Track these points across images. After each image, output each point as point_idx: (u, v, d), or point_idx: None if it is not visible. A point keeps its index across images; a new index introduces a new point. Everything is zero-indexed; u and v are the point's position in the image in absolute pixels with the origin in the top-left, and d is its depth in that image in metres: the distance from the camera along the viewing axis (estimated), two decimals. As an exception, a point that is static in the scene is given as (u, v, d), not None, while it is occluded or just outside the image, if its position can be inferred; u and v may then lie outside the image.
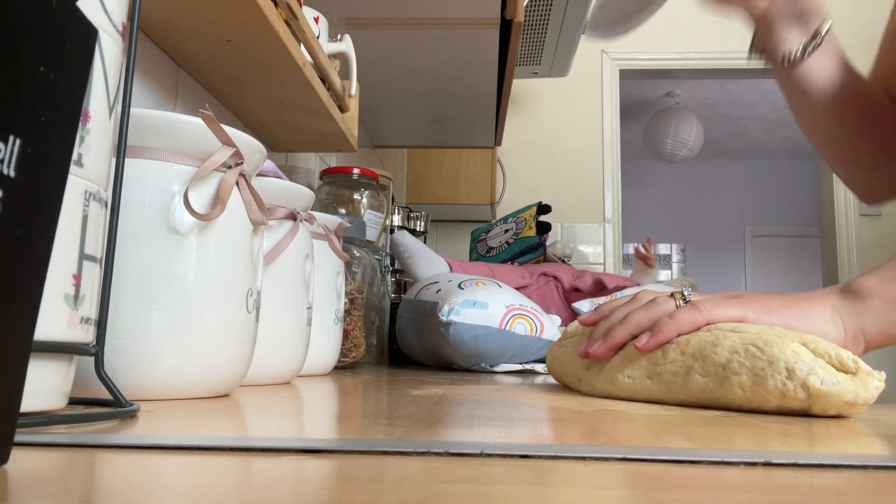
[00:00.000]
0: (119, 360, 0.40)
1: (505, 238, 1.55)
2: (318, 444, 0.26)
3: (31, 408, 0.29)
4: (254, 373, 0.55)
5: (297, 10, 0.73)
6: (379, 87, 1.36)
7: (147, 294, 0.41)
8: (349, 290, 0.88)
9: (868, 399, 0.41)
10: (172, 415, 0.35)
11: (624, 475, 0.22)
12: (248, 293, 0.47)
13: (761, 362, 0.43)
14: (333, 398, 0.48)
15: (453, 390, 0.55)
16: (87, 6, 0.31)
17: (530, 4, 1.70)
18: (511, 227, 1.55)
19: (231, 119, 0.91)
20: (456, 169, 2.57)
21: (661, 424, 0.36)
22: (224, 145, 0.44)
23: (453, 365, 0.95)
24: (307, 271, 0.63)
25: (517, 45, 1.16)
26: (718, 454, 0.25)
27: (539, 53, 2.04)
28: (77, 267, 0.31)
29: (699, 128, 4.22)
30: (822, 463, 0.24)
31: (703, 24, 3.35)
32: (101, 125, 0.32)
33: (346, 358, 0.87)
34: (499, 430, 0.31)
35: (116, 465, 0.22)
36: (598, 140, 3.25)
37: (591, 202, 3.20)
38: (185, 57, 0.75)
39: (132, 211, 0.41)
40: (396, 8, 1.03)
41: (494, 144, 1.74)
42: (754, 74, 3.43)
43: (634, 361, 0.50)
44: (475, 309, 0.90)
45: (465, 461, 0.24)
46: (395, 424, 0.32)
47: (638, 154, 5.55)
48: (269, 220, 0.56)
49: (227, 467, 0.22)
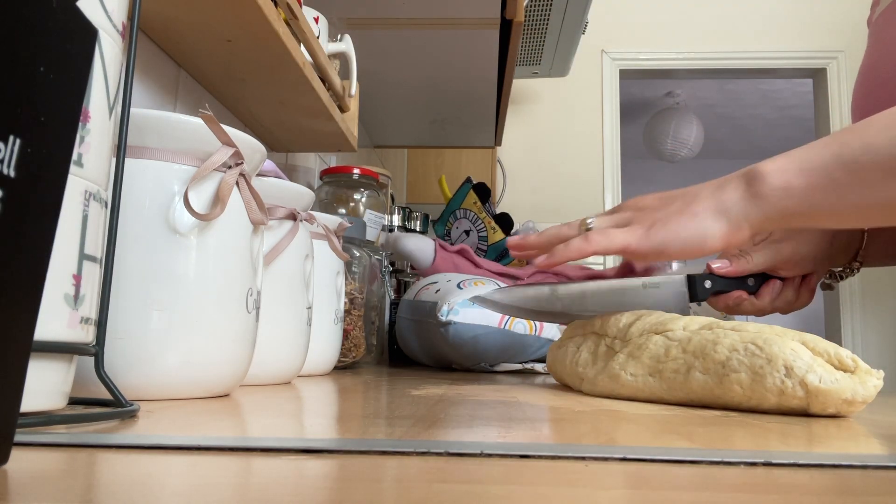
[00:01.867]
0: (119, 360, 0.40)
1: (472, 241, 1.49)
2: (318, 444, 0.26)
3: (31, 408, 0.29)
4: (254, 373, 0.55)
5: (297, 10, 0.73)
6: (379, 87, 1.35)
7: (147, 294, 0.41)
8: (349, 290, 0.88)
9: (866, 397, 0.41)
10: (172, 415, 0.35)
11: (624, 475, 0.22)
12: (248, 293, 0.47)
13: (760, 360, 0.43)
14: (333, 398, 0.48)
15: (453, 390, 0.55)
16: (87, 6, 0.31)
17: (530, 4, 1.70)
18: (469, 227, 1.49)
19: (231, 119, 0.91)
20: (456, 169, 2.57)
21: (661, 424, 0.36)
22: (224, 145, 0.44)
23: (453, 365, 0.95)
24: (307, 271, 0.63)
25: (517, 45, 1.16)
26: (718, 454, 0.25)
27: (539, 53, 2.04)
28: (77, 267, 0.31)
29: (699, 128, 4.22)
30: (822, 463, 0.24)
31: (703, 24, 3.35)
32: (101, 125, 0.32)
33: (346, 358, 0.87)
34: (499, 430, 0.31)
35: (116, 465, 0.22)
36: (598, 140, 3.25)
37: (591, 202, 3.20)
38: (185, 57, 0.75)
39: (132, 211, 0.41)
40: (396, 8, 1.03)
41: (494, 144, 1.74)
42: (754, 74, 3.43)
43: (638, 359, 0.50)
44: (475, 308, 0.90)
45: (465, 461, 0.24)
46: (395, 424, 0.32)
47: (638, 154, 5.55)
48: (269, 220, 0.56)
49: (227, 467, 0.22)
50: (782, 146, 5.65)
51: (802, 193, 0.50)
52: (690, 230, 0.53)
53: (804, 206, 0.50)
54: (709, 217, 0.53)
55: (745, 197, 0.52)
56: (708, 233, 0.52)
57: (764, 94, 4.67)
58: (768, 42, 3.30)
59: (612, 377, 0.52)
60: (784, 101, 4.80)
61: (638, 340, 0.52)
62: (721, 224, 0.52)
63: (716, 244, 0.52)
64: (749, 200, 0.52)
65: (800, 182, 0.50)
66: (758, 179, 0.52)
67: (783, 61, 3.31)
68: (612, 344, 0.54)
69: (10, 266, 0.19)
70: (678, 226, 0.53)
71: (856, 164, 0.49)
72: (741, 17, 3.33)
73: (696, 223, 0.53)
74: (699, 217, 0.53)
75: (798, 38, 3.30)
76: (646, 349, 0.50)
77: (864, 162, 0.48)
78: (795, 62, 3.31)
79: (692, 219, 0.53)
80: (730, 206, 0.52)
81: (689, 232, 0.53)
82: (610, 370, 0.52)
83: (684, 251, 0.53)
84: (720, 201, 0.53)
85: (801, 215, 0.51)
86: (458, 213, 1.50)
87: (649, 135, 4.28)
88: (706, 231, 0.52)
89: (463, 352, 0.90)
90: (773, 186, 0.51)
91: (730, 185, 0.53)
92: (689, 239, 0.53)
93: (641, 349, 0.51)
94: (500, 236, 1.44)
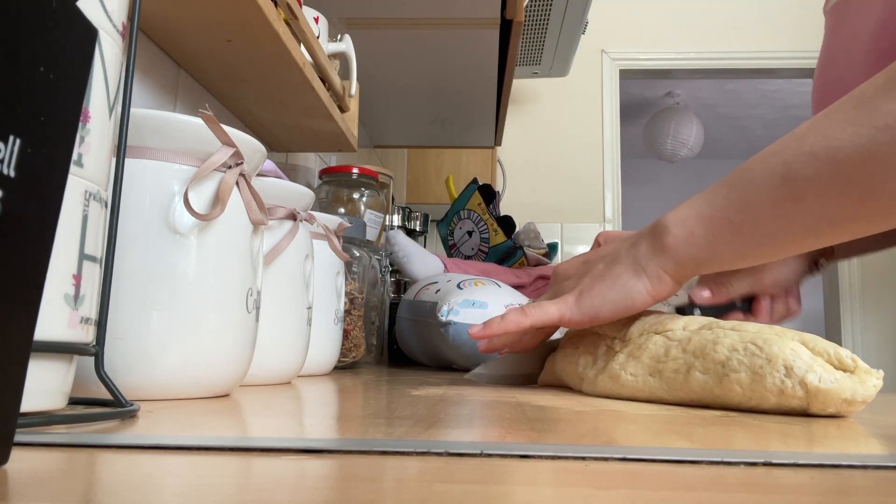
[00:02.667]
0: (119, 360, 0.40)
1: (474, 243, 1.49)
2: (318, 444, 0.26)
3: (31, 408, 0.29)
4: (254, 373, 0.55)
5: (297, 10, 0.73)
6: (379, 87, 1.35)
7: (147, 294, 0.41)
8: (349, 290, 0.88)
9: (866, 397, 0.41)
10: (172, 415, 0.35)
11: (624, 475, 0.22)
12: (248, 293, 0.47)
13: (760, 360, 0.43)
14: (333, 398, 0.48)
15: (453, 390, 0.55)
16: (87, 6, 0.31)
17: (530, 4, 1.70)
18: (472, 229, 1.48)
19: (231, 119, 0.91)
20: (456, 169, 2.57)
21: (661, 424, 0.36)
22: (224, 145, 0.44)
23: (453, 365, 0.95)
24: (307, 271, 0.63)
25: (517, 45, 1.16)
26: (718, 454, 0.25)
27: (539, 53, 2.04)
28: (77, 267, 0.31)
29: (699, 128, 4.22)
30: (822, 463, 0.24)
31: (703, 24, 3.35)
32: (101, 125, 0.32)
33: (346, 358, 0.87)
34: (499, 430, 0.31)
35: (116, 465, 0.22)
36: (598, 140, 3.25)
37: (591, 202, 3.20)
38: (185, 57, 0.75)
39: (132, 211, 0.41)
40: (396, 8, 1.03)
41: (494, 144, 1.74)
42: (754, 74, 3.43)
43: (638, 359, 0.50)
44: (474, 309, 0.90)
45: (465, 461, 0.24)
46: (395, 424, 0.32)
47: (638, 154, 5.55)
48: (269, 220, 0.56)
49: (227, 467, 0.22)
50: (782, 146, 5.64)
51: (705, 241, 0.49)
52: (616, 292, 0.53)
53: (711, 254, 0.50)
54: (630, 276, 0.53)
55: (654, 251, 0.52)
56: (633, 292, 0.53)
57: (764, 94, 4.67)
58: (768, 42, 3.30)
59: (612, 377, 0.52)
60: (784, 101, 4.80)
61: (638, 340, 0.52)
62: (642, 281, 0.52)
63: (644, 299, 0.53)
64: (660, 254, 0.52)
65: (701, 231, 0.50)
66: (663, 232, 0.51)
67: (783, 61, 3.31)
68: (612, 344, 0.55)
69: (10, 266, 0.19)
70: (604, 290, 0.54)
71: (745, 202, 0.47)
72: (741, 17, 3.33)
73: (620, 284, 0.53)
74: (622, 278, 0.53)
75: (798, 38, 3.30)
76: (646, 349, 0.50)
77: (752, 199, 0.47)
78: (795, 62, 3.31)
79: (615, 281, 0.53)
80: (645, 263, 0.52)
81: (615, 294, 0.53)
82: (610, 370, 0.52)
83: (616, 312, 0.53)
84: (635, 259, 0.53)
85: (713, 262, 0.51)
86: (461, 214, 1.50)
87: (649, 135, 4.28)
88: (630, 290, 0.53)
89: (463, 352, 0.90)
90: (676, 237, 0.51)
91: (642, 241, 0.53)
92: (618, 300, 0.53)
93: (641, 349, 0.51)
94: (501, 238, 1.44)
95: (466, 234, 1.49)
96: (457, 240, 1.51)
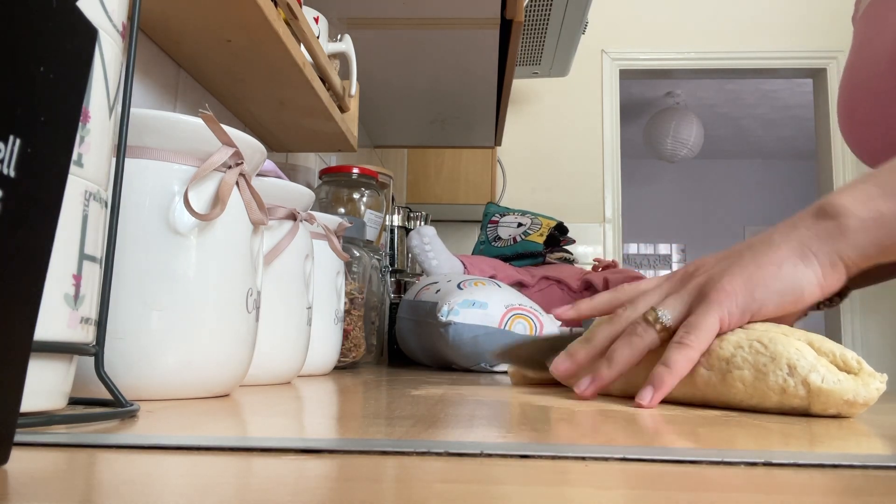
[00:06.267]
0: (119, 360, 0.40)
1: (515, 233, 1.51)
2: (318, 444, 0.26)
3: (31, 408, 0.29)
4: (254, 373, 0.55)
5: (297, 10, 0.73)
6: (379, 87, 1.35)
7: (147, 294, 0.41)
8: (349, 290, 0.88)
9: (868, 399, 0.41)
10: (172, 415, 0.35)
11: (624, 475, 0.22)
12: (248, 293, 0.47)
13: (764, 358, 0.43)
14: (333, 398, 0.48)
15: (453, 390, 0.55)
16: (87, 6, 0.31)
17: (530, 4, 1.70)
18: (525, 224, 1.50)
19: (231, 119, 0.92)
20: (456, 169, 2.57)
21: (661, 424, 0.36)
22: (224, 145, 0.44)
23: (453, 365, 0.95)
24: (307, 271, 0.63)
25: (517, 45, 1.16)
26: (718, 454, 0.25)
27: (539, 53, 2.04)
28: (77, 267, 0.31)
29: (699, 128, 4.22)
30: (822, 463, 0.24)
31: (703, 24, 3.35)
32: (101, 125, 0.32)
33: (346, 358, 0.87)
34: (499, 430, 0.31)
35: (116, 465, 0.22)
36: (598, 140, 3.25)
37: (591, 202, 3.20)
38: (185, 57, 0.75)
39: (132, 211, 0.41)
40: (396, 8, 1.03)
41: (494, 144, 1.74)
42: (754, 74, 3.43)
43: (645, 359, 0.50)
44: (475, 309, 0.90)
45: (465, 461, 0.24)
46: (395, 424, 0.32)
47: (638, 154, 5.55)
48: (269, 220, 0.56)
49: (227, 467, 0.22)
50: (782, 146, 5.66)
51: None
52: (782, 281, 0.45)
53: None
54: (797, 262, 0.45)
55: (829, 234, 0.45)
56: (803, 281, 0.45)
57: (764, 94, 4.68)
58: (768, 42, 3.30)
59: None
60: (784, 101, 4.80)
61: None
62: (813, 268, 0.45)
63: (813, 292, 0.45)
64: (837, 237, 0.45)
65: (890, 208, 0.44)
66: (839, 213, 0.45)
67: (783, 61, 3.31)
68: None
69: (10, 266, 0.19)
70: (767, 279, 0.45)
71: None
72: (741, 17, 3.33)
73: (785, 273, 0.45)
74: (785, 266, 0.45)
75: (798, 38, 3.30)
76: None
77: None
78: (795, 62, 3.31)
79: (779, 269, 0.45)
80: (816, 249, 0.45)
81: (782, 283, 0.45)
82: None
83: (781, 307, 0.45)
84: (800, 243, 0.46)
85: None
86: (529, 214, 1.53)
87: (649, 135, 4.28)
88: (800, 280, 0.45)
89: (463, 352, 0.90)
90: (859, 217, 0.45)
91: (802, 224, 0.47)
92: (784, 291, 0.45)
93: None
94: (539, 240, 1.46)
95: (516, 224, 1.50)
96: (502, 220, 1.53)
